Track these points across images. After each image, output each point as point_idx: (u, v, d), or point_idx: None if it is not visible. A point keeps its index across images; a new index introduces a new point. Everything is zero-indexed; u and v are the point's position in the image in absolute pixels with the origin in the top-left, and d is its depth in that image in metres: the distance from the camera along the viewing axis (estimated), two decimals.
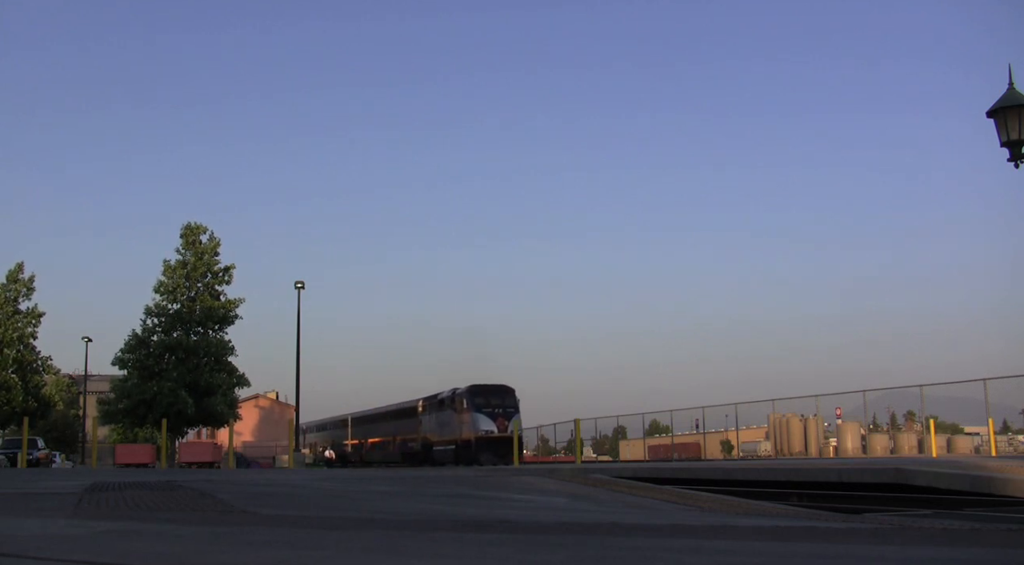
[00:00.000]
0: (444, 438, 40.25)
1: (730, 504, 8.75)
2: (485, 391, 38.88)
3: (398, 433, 48.13)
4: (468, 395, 38.70)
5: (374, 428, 53.02)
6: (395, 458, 47.48)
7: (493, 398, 38.44)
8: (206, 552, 3.86)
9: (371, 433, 53.26)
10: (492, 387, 39.45)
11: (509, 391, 39.31)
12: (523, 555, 3.84)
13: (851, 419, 38.97)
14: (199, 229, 41.39)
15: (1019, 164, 11.89)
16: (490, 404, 37.90)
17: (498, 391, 39.11)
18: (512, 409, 38.17)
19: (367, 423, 54.76)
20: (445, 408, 41.09)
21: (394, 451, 48.13)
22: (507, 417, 37.34)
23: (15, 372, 45.04)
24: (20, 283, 46.64)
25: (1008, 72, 12.27)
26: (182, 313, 40.04)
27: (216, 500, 6.94)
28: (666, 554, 3.98)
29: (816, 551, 4.27)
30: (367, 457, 52.61)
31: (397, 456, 47.19)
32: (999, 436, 33.92)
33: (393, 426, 49.42)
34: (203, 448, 39.37)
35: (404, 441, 46.49)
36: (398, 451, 47.26)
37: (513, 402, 38.70)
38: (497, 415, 37.38)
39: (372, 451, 52.23)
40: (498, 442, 36.31)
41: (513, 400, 38.86)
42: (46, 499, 7.18)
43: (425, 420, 43.98)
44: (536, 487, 10.93)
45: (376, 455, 51.34)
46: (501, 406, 38.01)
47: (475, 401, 38.20)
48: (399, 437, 47.76)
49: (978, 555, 4.18)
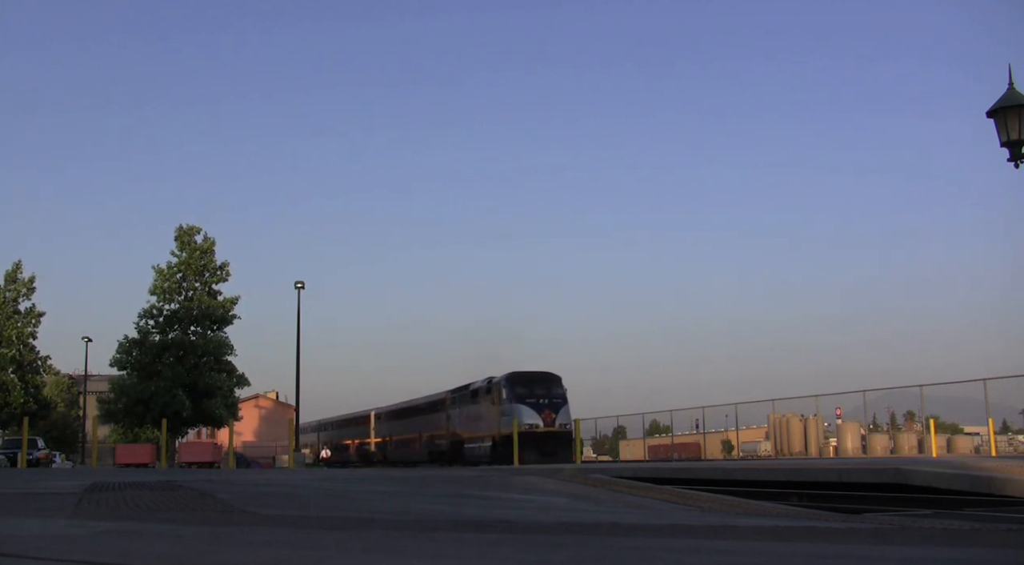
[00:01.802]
0: (478, 434, 35.79)
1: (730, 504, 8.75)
2: (527, 379, 34.15)
3: (424, 430, 43.93)
4: (507, 384, 33.91)
5: (398, 425, 48.76)
6: (421, 457, 43.41)
7: (537, 387, 33.70)
8: (206, 552, 3.86)
9: (395, 430, 49.07)
10: (535, 374, 34.74)
11: (555, 379, 34.61)
12: (523, 555, 3.84)
13: (851, 419, 38.97)
14: (193, 230, 41.44)
15: (1019, 164, 11.89)
16: (534, 394, 33.24)
17: (543, 379, 34.40)
18: (559, 400, 33.44)
19: (391, 419, 50.29)
20: (479, 400, 36.57)
21: (419, 449, 44.10)
22: (554, 409, 32.78)
23: (14, 372, 45.01)
24: (20, 283, 46.53)
25: (1008, 72, 12.28)
26: (179, 313, 40.06)
27: (216, 500, 6.94)
28: (666, 554, 3.98)
29: (816, 551, 4.27)
30: (391, 456, 48.39)
31: (423, 455, 43.13)
32: (999, 436, 33.92)
33: (418, 422, 45.23)
34: (203, 448, 39.37)
35: (431, 438, 42.34)
36: (424, 449, 43.15)
37: (560, 391, 33.91)
38: (542, 406, 32.76)
39: (396, 450, 48.18)
40: (544, 438, 31.90)
41: (560, 389, 34.09)
42: (46, 499, 7.17)
43: (454, 414, 39.73)
44: (536, 487, 10.93)
45: (400, 454, 47.25)
46: (547, 396, 33.31)
47: (516, 391, 33.48)
48: (425, 434, 43.56)
49: (978, 555, 4.18)
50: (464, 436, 37.54)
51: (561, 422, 32.58)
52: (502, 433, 32.87)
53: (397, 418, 48.89)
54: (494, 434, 33.82)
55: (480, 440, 35.32)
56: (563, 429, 32.56)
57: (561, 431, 32.45)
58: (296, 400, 37.90)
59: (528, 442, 30.77)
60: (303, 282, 37.65)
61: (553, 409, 32.77)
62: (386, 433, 50.35)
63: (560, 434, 32.40)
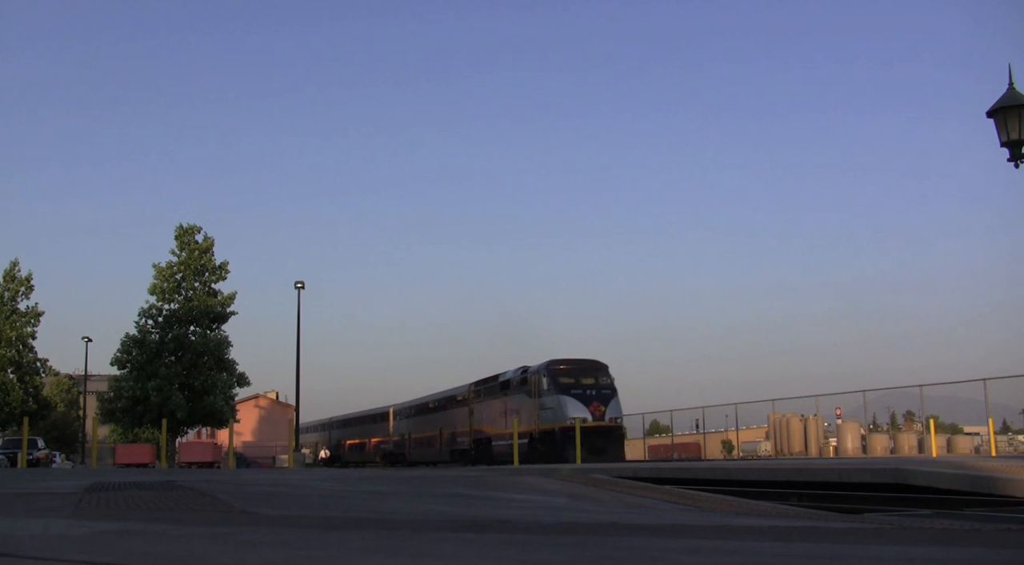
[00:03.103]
0: (510, 430, 31.85)
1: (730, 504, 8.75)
2: (572, 367, 30.87)
3: (445, 427, 40.82)
4: (549, 373, 30.59)
5: (417, 422, 45.69)
6: (441, 456, 40.45)
7: (583, 376, 30.36)
8: (206, 552, 3.86)
9: (413, 428, 46.02)
10: (581, 362, 31.42)
11: (602, 367, 31.28)
12: (523, 555, 3.84)
13: (851, 419, 38.99)
14: (193, 229, 41.50)
15: (1019, 164, 11.89)
16: (579, 384, 29.84)
17: (589, 367, 31.10)
18: (608, 390, 30.11)
19: (409, 416, 47.19)
20: (511, 392, 33.42)
21: (440, 448, 41.03)
22: (603, 400, 29.47)
23: (13, 373, 44.93)
24: (18, 282, 46.31)
25: (1008, 72, 12.28)
26: (178, 312, 40.08)
27: (216, 500, 6.93)
28: (666, 554, 3.98)
29: (816, 551, 4.27)
30: (411, 456, 45.30)
31: (443, 454, 40.17)
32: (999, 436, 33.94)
33: (437, 419, 42.15)
34: (203, 448, 39.43)
35: (453, 436, 39.39)
36: (446, 448, 40.12)
37: (609, 381, 30.59)
38: (590, 398, 29.35)
39: (416, 449, 45.27)
40: (593, 433, 28.31)
41: (608, 378, 30.72)
42: (46, 499, 7.17)
43: (479, 409, 36.53)
44: (536, 487, 10.92)
45: (418, 454, 44.33)
46: (595, 387, 29.90)
47: (559, 381, 30.07)
48: (446, 431, 40.46)
49: (978, 555, 4.18)
50: (491, 433, 34.48)
51: (612, 415, 29.50)
52: (541, 428, 30.00)
53: (415, 415, 46.28)
54: (531, 430, 30.48)
55: (511, 437, 31.65)
56: (614, 423, 29.60)
57: (612, 426, 29.43)
58: (296, 400, 37.93)
59: (574, 438, 27.77)
60: (303, 282, 37.70)
61: (602, 401, 29.53)
62: (404, 431, 47.81)
63: (611, 429, 29.31)
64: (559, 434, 28.85)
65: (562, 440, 28.48)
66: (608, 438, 28.91)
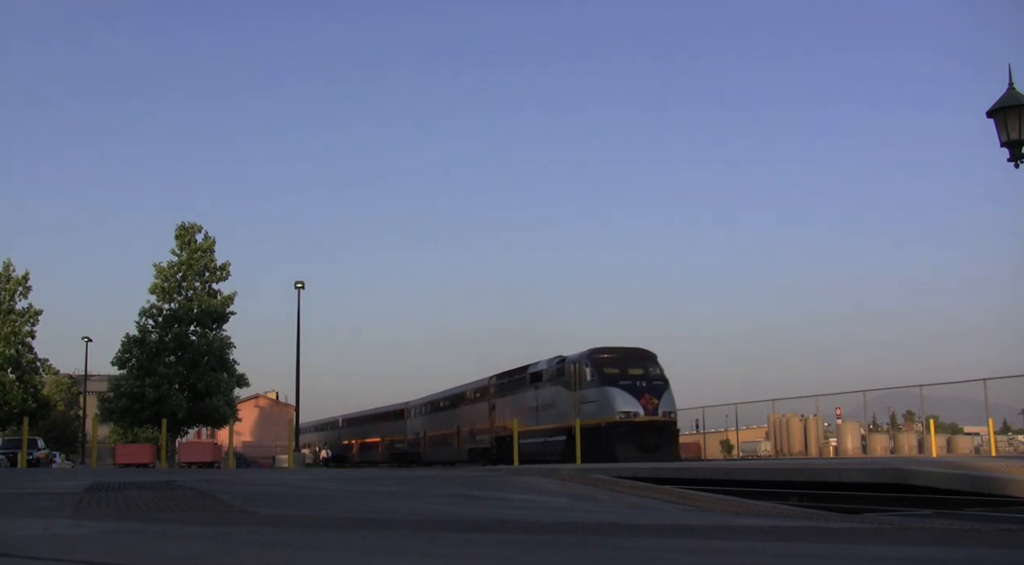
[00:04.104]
0: (542, 426, 29.37)
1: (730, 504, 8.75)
2: (618, 356, 27.94)
3: (463, 424, 38.25)
4: (592, 362, 27.61)
5: (433, 420, 43.10)
6: (459, 456, 37.65)
7: (631, 366, 27.49)
8: (206, 552, 3.86)
9: (430, 426, 43.54)
10: (627, 351, 28.46)
11: (650, 356, 28.43)
12: (523, 555, 3.84)
13: (851, 419, 38.98)
14: (194, 228, 41.44)
15: (1019, 164, 11.89)
16: (627, 374, 27.01)
17: (636, 356, 28.23)
18: (660, 382, 27.28)
19: (425, 414, 44.67)
20: (543, 384, 30.64)
21: (458, 447, 38.46)
22: (655, 392, 26.66)
23: (13, 372, 44.91)
24: (14, 282, 46.17)
25: (1008, 72, 12.28)
26: (178, 312, 40.07)
27: (216, 500, 6.93)
28: (666, 554, 3.98)
29: (816, 551, 4.27)
30: (427, 455, 42.87)
31: (461, 453, 37.63)
32: (999, 436, 33.94)
33: (455, 415, 39.58)
34: (203, 448, 39.48)
35: (472, 434, 36.85)
36: (464, 447, 37.62)
37: (659, 371, 27.79)
38: (641, 390, 26.49)
39: (431, 448, 42.90)
40: (645, 430, 25.79)
41: (658, 368, 27.95)
42: (46, 499, 7.17)
43: (502, 404, 33.86)
44: (536, 487, 10.92)
45: (435, 453, 41.80)
46: (644, 377, 27.08)
47: (604, 371, 27.14)
48: (464, 429, 37.92)
49: (978, 555, 4.18)
50: (520, 430, 31.80)
51: (665, 409, 26.69)
52: (582, 424, 26.98)
53: (430, 412, 43.87)
54: (569, 425, 27.29)
55: (545, 434, 28.88)
56: (668, 418, 26.84)
57: (666, 421, 26.69)
58: (296, 400, 37.91)
59: (623, 435, 25.55)
60: (303, 282, 37.68)
61: (654, 393, 26.67)
62: (419, 429, 45.41)
63: (664, 425, 26.52)
64: (605, 430, 25.85)
65: (608, 437, 25.67)
66: (661, 435, 26.19)
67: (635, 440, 25.28)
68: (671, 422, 27.04)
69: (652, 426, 25.97)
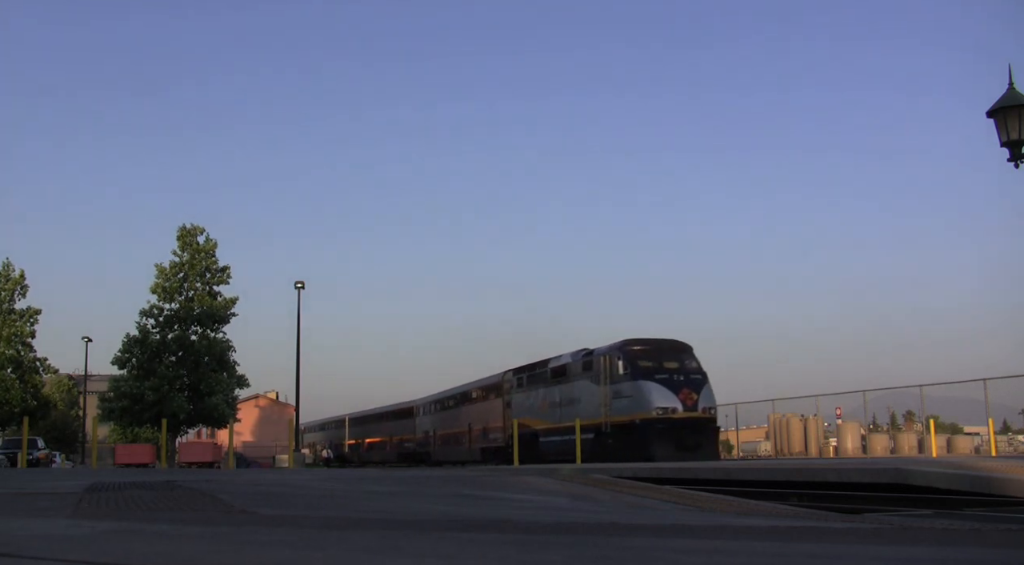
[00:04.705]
0: (567, 423, 27.08)
1: (730, 504, 8.75)
2: (652, 348, 26.42)
3: (474, 422, 36.89)
4: (625, 355, 26.03)
5: (444, 418, 41.89)
6: (471, 455, 36.24)
7: (667, 358, 25.93)
8: (206, 552, 3.86)
9: (440, 424, 42.35)
10: (661, 342, 26.94)
11: (686, 348, 26.89)
12: (523, 555, 3.84)
13: (851, 419, 38.98)
14: (196, 230, 41.48)
15: (1019, 164, 11.90)
16: (663, 368, 25.44)
17: (672, 348, 26.68)
18: (698, 376, 25.82)
19: (435, 412, 43.52)
20: (570, 379, 29.08)
21: (470, 446, 37.13)
22: (694, 387, 25.20)
23: (13, 372, 44.93)
24: (12, 282, 46.20)
25: (1008, 72, 12.28)
26: (179, 313, 40.10)
27: (216, 500, 6.93)
28: (666, 554, 3.98)
29: (816, 551, 4.27)
30: (437, 455, 41.73)
31: (474, 452, 36.16)
32: (999, 436, 33.95)
33: (467, 413, 38.22)
34: (203, 448, 39.44)
35: (485, 431, 35.54)
36: (476, 446, 36.20)
37: (696, 364, 26.32)
38: (679, 384, 25.02)
39: (442, 447, 41.69)
40: (684, 427, 24.33)
41: (695, 361, 26.45)
42: (46, 499, 7.17)
43: (520, 400, 32.24)
44: (536, 487, 10.92)
45: (446, 453, 40.54)
46: (681, 371, 25.57)
47: (638, 364, 25.58)
48: (476, 427, 36.52)
49: (978, 555, 4.18)
50: (538, 427, 29.96)
51: (705, 405, 25.25)
52: (614, 421, 25.68)
53: (440, 410, 42.64)
54: (598, 422, 26.08)
55: (569, 432, 26.97)
56: (708, 415, 25.44)
57: (706, 418, 25.29)
58: (296, 400, 37.93)
59: (661, 432, 24.11)
60: (303, 282, 37.70)
61: (693, 387, 25.19)
62: (428, 428, 44.13)
63: (704, 421, 25.12)
64: (640, 427, 24.47)
65: (644, 434, 24.24)
66: (701, 433, 24.71)
67: (673, 438, 23.86)
68: (711, 419, 25.72)
69: (691, 423, 24.52)
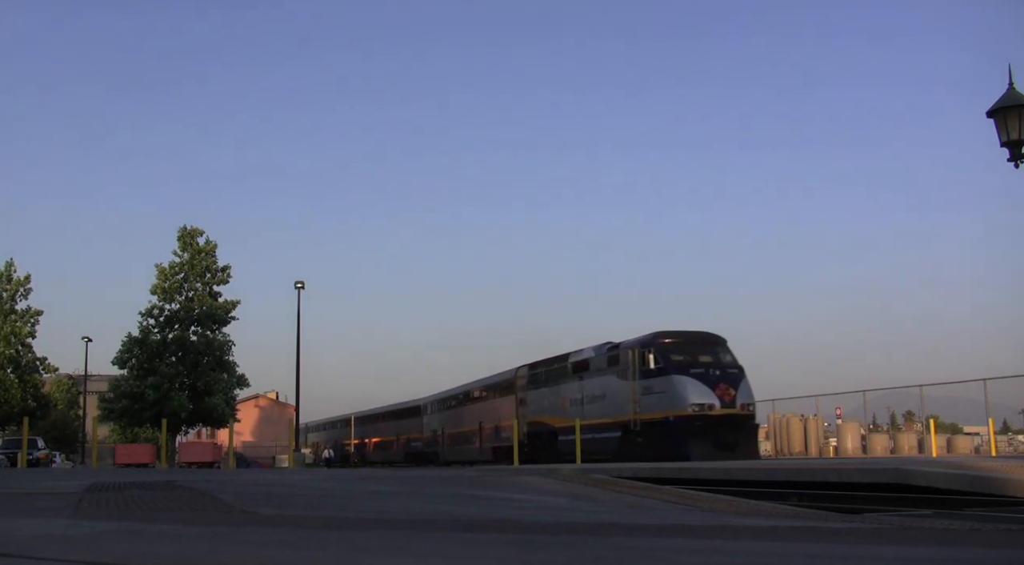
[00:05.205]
0: (590, 420, 25.90)
1: (730, 504, 8.75)
2: (684, 340, 25.14)
3: (486, 420, 35.40)
4: (657, 348, 24.66)
5: (453, 416, 40.70)
6: (482, 455, 34.86)
7: (700, 352, 24.75)
8: (206, 552, 3.86)
9: (449, 423, 41.22)
10: (693, 335, 25.68)
11: (721, 341, 25.63)
12: (523, 555, 3.84)
13: (851, 419, 38.96)
14: (196, 231, 41.55)
15: (1019, 164, 11.90)
16: (697, 361, 24.24)
17: (704, 341, 25.45)
18: (735, 370, 24.46)
19: (443, 410, 42.37)
20: (594, 373, 27.62)
21: (481, 445, 35.78)
22: (731, 382, 23.82)
23: (13, 372, 44.94)
24: (15, 282, 46.29)
25: (1008, 72, 12.28)
26: (179, 313, 40.14)
27: (216, 500, 6.93)
28: (666, 554, 3.98)
29: (816, 551, 4.27)
30: (446, 455, 40.54)
31: (485, 452, 34.83)
32: (999, 436, 33.94)
33: (477, 410, 36.94)
34: (203, 448, 39.49)
35: (496, 430, 34.02)
36: (487, 445, 34.78)
37: (732, 359, 24.97)
38: (715, 379, 23.67)
39: (451, 446, 40.31)
40: (722, 424, 23.01)
41: (730, 355, 25.12)
42: (46, 499, 7.17)
43: (535, 397, 31.10)
44: (536, 487, 10.92)
45: (455, 452, 39.30)
46: (717, 365, 24.28)
47: (671, 357, 24.29)
48: (488, 425, 35.03)
49: (978, 555, 4.18)
50: (557, 425, 28.64)
51: (743, 401, 23.93)
52: (643, 418, 24.28)
53: (449, 408, 41.51)
54: (626, 419, 24.86)
55: (591, 430, 25.76)
56: (746, 411, 24.15)
57: (745, 414, 23.99)
58: (296, 400, 37.94)
59: (697, 430, 22.73)
60: (303, 282, 37.71)
61: (730, 382, 23.80)
62: (436, 426, 42.98)
63: (742, 418, 23.81)
64: (674, 425, 23.14)
65: (679, 433, 22.91)
66: (740, 430, 23.43)
67: (710, 436, 22.54)
68: (750, 415, 24.48)
69: (730, 420, 23.13)
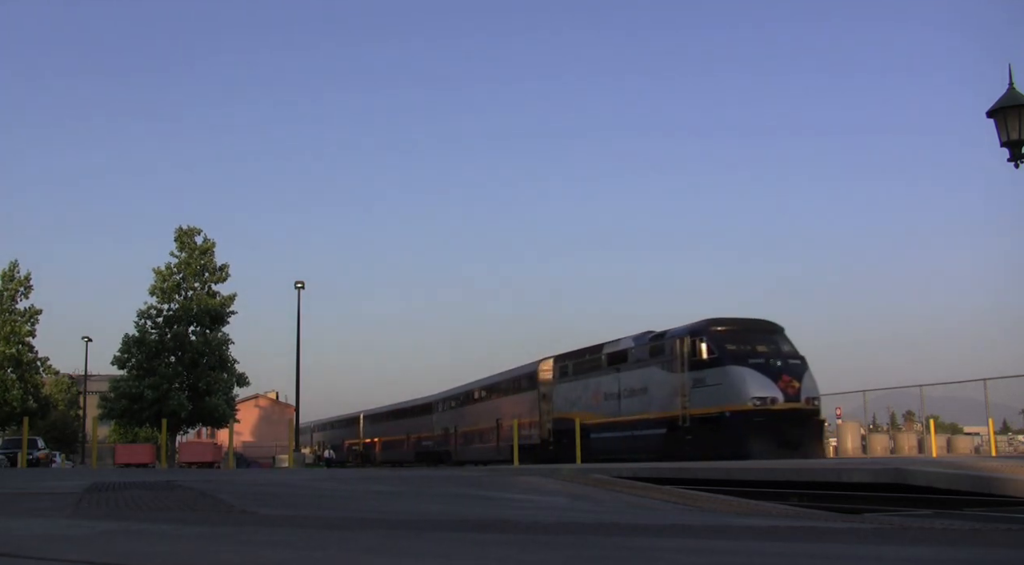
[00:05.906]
0: (630, 416, 24.38)
1: (730, 504, 8.75)
2: (740, 328, 23.13)
3: (504, 417, 33.31)
4: (710, 336, 22.65)
5: (467, 413, 38.87)
6: (499, 454, 32.82)
7: (759, 340, 22.63)
8: (206, 552, 3.86)
9: (462, 420, 39.57)
10: (749, 322, 23.60)
11: (778, 329, 23.54)
12: (523, 555, 3.83)
13: (851, 419, 38.94)
14: (193, 231, 41.56)
15: (1019, 164, 11.90)
16: (756, 352, 22.17)
17: (762, 329, 23.34)
18: (797, 361, 22.43)
19: (456, 407, 40.72)
20: (633, 365, 25.49)
21: (498, 444, 33.85)
22: (795, 374, 21.88)
23: (13, 371, 44.95)
24: (17, 282, 46.39)
25: (1008, 72, 12.28)
26: (177, 312, 40.14)
27: (216, 500, 6.93)
28: (666, 554, 3.98)
29: (816, 551, 4.26)
30: (458, 454, 38.83)
31: (502, 450, 32.61)
32: (999, 436, 33.95)
33: (494, 407, 35.09)
34: (203, 448, 39.51)
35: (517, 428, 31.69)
36: (504, 443, 32.14)
37: (792, 349, 22.90)
38: (777, 370, 21.70)
39: (464, 445, 38.84)
40: (785, 419, 21.00)
41: (790, 344, 23.06)
42: (46, 499, 7.17)
43: (563, 392, 29.10)
44: (536, 487, 10.92)
45: (469, 451, 37.63)
46: (777, 355, 22.22)
47: (725, 347, 22.27)
48: (505, 423, 32.54)
49: (978, 555, 4.18)
50: (591, 421, 26.48)
51: (808, 395, 21.97)
52: (693, 414, 22.40)
53: (462, 404, 39.92)
54: (673, 415, 22.93)
55: (631, 427, 24.20)
56: (812, 406, 22.12)
57: (810, 409, 21.97)
58: (296, 400, 37.96)
59: (759, 426, 20.87)
60: (303, 282, 37.71)
61: (793, 374, 21.84)
62: (448, 425, 41.43)
63: (808, 413, 21.80)
64: (732, 421, 21.21)
65: (738, 429, 21.04)
66: (805, 426, 21.36)
67: (773, 433, 20.62)
68: (815, 410, 22.41)
69: (794, 415, 21.17)
